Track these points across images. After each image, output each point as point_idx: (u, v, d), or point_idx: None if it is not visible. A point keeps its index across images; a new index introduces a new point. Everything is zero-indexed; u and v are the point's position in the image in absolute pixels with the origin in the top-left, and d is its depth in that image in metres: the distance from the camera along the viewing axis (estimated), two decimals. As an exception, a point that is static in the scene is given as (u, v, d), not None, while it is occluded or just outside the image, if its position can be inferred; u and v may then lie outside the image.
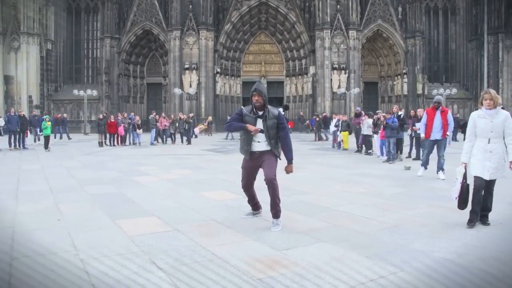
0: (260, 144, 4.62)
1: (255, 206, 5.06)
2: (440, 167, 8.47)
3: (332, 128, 16.89)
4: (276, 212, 4.58)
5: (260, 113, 4.58)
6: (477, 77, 39.05)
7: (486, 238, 4.15)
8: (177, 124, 21.88)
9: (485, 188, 4.72)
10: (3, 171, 10.39)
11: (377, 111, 15.44)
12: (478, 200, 4.67)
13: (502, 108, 5.12)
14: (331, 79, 35.17)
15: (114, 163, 11.98)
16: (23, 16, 36.03)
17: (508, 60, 38.06)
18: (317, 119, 25.01)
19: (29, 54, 36.19)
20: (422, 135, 8.91)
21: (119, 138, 20.51)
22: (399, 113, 12.87)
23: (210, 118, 30.80)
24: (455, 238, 4.12)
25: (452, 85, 39.63)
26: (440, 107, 8.66)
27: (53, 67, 39.39)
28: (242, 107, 4.69)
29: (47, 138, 17.34)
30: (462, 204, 4.76)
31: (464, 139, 4.93)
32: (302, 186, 7.49)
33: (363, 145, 15.05)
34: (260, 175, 4.74)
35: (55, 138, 25.73)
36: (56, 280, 2.99)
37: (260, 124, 4.57)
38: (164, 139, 22.11)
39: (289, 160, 4.73)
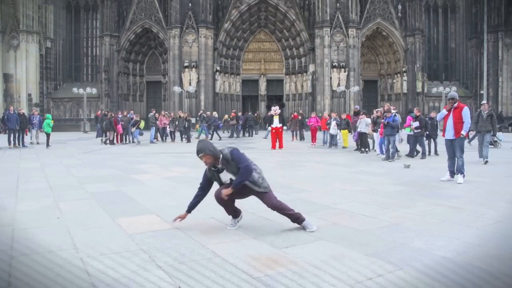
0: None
1: (235, 213, 4.56)
2: (458, 170, 7.77)
3: (332, 127, 16.76)
4: (298, 219, 4.40)
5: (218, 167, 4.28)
6: (476, 75, 39.09)
7: (485, 236, 4.15)
8: (176, 122, 21.88)
9: None
10: (3, 169, 10.39)
11: (376, 109, 15.43)
12: None
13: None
14: (331, 77, 35.18)
15: (114, 161, 11.98)
16: (22, 14, 36.00)
17: (508, 59, 38.08)
18: (300, 117, 23.38)
19: (28, 52, 36.17)
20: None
21: (119, 136, 20.53)
22: (392, 111, 12.82)
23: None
24: (454, 236, 4.12)
25: (452, 83, 39.65)
26: (455, 104, 7.90)
27: (52, 65, 39.36)
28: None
29: (48, 136, 17.91)
30: None
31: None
32: (301, 184, 7.49)
33: (358, 143, 15.08)
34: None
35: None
36: (56, 278, 3.00)
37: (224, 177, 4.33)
38: (164, 137, 22.10)
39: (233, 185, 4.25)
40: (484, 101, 15.76)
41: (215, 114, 24.75)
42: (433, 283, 2.98)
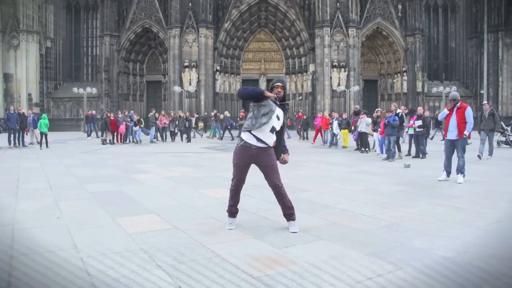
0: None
1: (236, 211, 4.52)
2: (459, 169, 7.68)
3: (335, 127, 16.75)
4: (291, 214, 4.38)
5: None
6: (476, 75, 39.08)
7: (485, 236, 4.15)
8: (176, 122, 21.89)
9: None
10: (3, 169, 10.39)
11: (376, 109, 15.43)
12: None
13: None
14: (331, 77, 35.18)
15: (114, 161, 11.98)
16: (22, 14, 36.01)
17: (508, 58, 38.06)
18: (304, 117, 23.68)
19: (28, 52, 36.18)
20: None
21: (119, 136, 20.53)
22: (398, 111, 12.82)
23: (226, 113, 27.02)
24: (454, 236, 4.12)
25: (452, 83, 39.65)
26: (458, 104, 7.79)
27: (52, 65, 39.37)
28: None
29: (45, 136, 17.58)
30: None
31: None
32: (301, 184, 7.49)
33: (358, 142, 15.08)
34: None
35: (87, 136, 26.19)
36: (56, 278, 3.00)
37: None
38: (164, 137, 22.11)
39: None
40: (485, 102, 15.77)
41: (227, 113, 25.07)
42: (433, 283, 2.98)
